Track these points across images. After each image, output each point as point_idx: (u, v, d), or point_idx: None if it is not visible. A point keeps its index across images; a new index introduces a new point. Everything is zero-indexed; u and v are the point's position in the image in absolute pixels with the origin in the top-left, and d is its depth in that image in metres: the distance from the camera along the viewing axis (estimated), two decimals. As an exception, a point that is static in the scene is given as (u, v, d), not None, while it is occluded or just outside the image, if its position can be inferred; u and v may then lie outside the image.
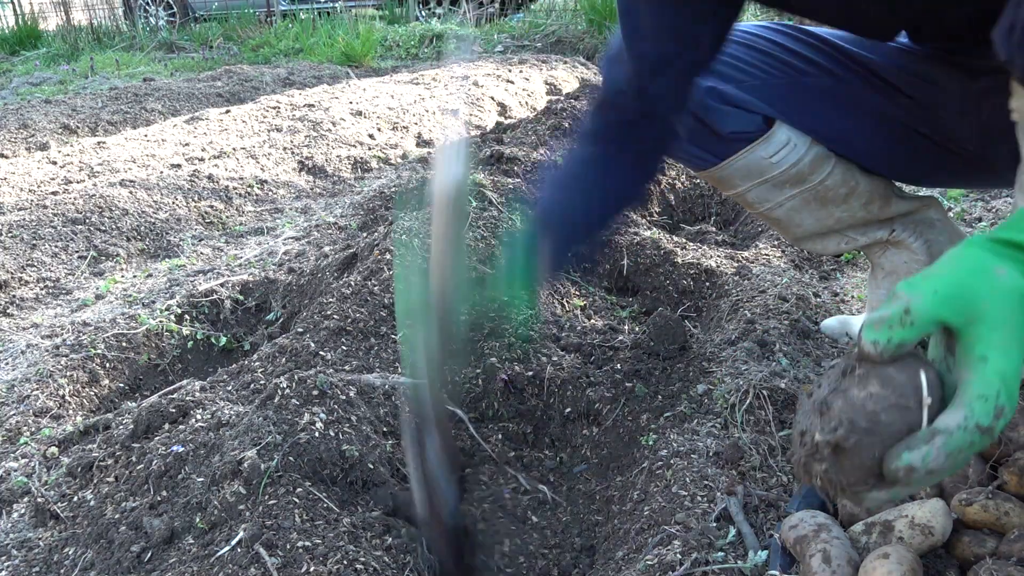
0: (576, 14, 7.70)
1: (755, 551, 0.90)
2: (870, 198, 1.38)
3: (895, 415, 0.63)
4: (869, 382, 0.65)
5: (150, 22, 9.96)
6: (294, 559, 0.97)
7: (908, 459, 0.62)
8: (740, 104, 1.30)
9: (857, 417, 0.64)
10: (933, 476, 0.63)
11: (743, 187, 1.37)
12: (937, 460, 0.62)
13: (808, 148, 1.32)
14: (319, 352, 1.52)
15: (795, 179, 1.33)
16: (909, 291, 0.66)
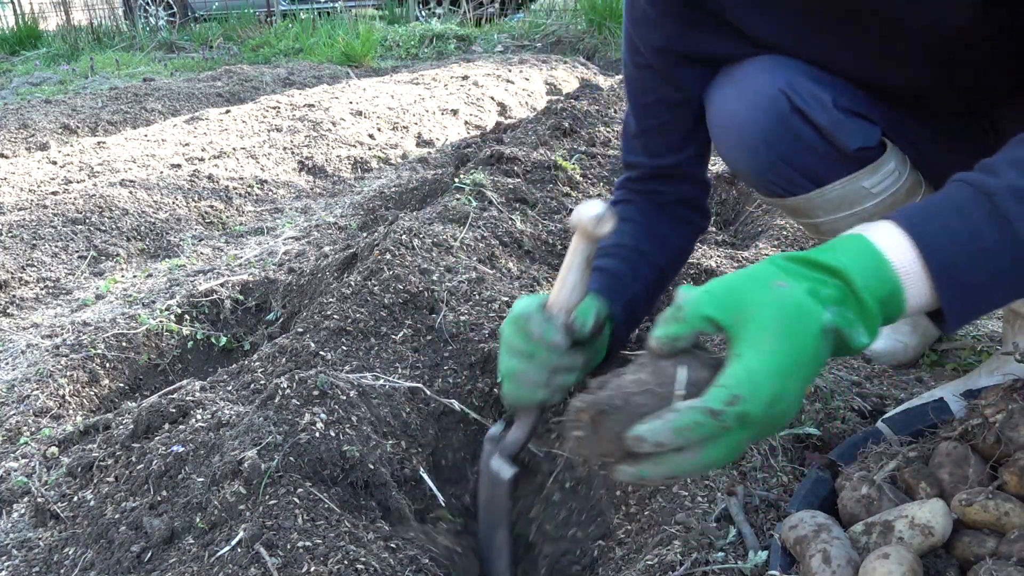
0: (576, 14, 7.70)
1: (755, 551, 0.90)
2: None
3: (648, 398, 0.71)
4: (642, 370, 0.74)
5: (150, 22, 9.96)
6: (294, 559, 0.97)
7: (638, 430, 0.69)
8: (860, 112, 1.10)
9: (616, 395, 0.72)
10: (663, 450, 0.69)
11: (823, 219, 1.17)
12: (663, 433, 0.68)
13: (909, 174, 1.15)
14: (319, 352, 1.52)
15: (886, 209, 1.13)
16: (686, 292, 0.74)
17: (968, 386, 1.21)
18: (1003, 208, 0.71)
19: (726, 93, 1.13)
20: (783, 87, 1.08)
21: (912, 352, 1.50)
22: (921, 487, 0.90)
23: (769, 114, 1.09)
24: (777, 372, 0.69)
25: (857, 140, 1.09)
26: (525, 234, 2.07)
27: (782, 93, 1.08)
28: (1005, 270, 0.72)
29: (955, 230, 0.72)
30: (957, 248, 0.72)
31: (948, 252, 0.72)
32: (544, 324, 1.02)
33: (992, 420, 0.91)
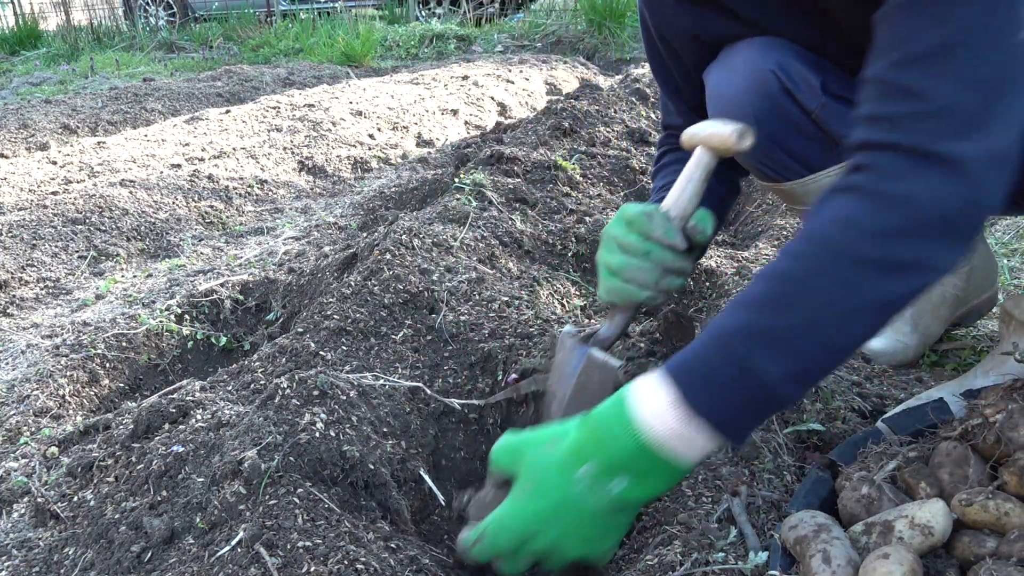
0: (576, 14, 7.70)
1: (756, 552, 0.90)
2: None
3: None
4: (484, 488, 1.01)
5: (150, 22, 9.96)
6: (295, 559, 0.97)
7: (460, 538, 0.94)
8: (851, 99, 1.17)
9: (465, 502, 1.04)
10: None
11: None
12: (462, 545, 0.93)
13: None
14: (319, 352, 1.52)
15: None
16: (502, 439, 0.94)
17: (965, 386, 1.21)
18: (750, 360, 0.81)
19: (721, 72, 1.18)
20: (773, 67, 1.12)
21: (912, 352, 1.50)
22: (921, 487, 0.90)
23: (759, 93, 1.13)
24: (526, 518, 0.88)
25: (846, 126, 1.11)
26: (525, 234, 2.07)
27: (772, 73, 1.12)
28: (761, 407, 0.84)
29: (711, 380, 0.83)
30: (717, 397, 0.83)
31: (708, 402, 0.83)
32: (666, 224, 1.07)
33: (992, 420, 0.91)
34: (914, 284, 0.81)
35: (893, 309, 0.82)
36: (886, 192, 0.80)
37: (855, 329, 0.82)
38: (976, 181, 0.78)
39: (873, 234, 0.80)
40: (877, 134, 0.83)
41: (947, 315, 1.49)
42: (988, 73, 0.78)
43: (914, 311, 1.49)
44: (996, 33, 0.77)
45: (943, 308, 1.47)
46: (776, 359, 0.81)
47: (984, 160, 0.78)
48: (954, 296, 1.46)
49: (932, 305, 1.47)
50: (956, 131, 0.78)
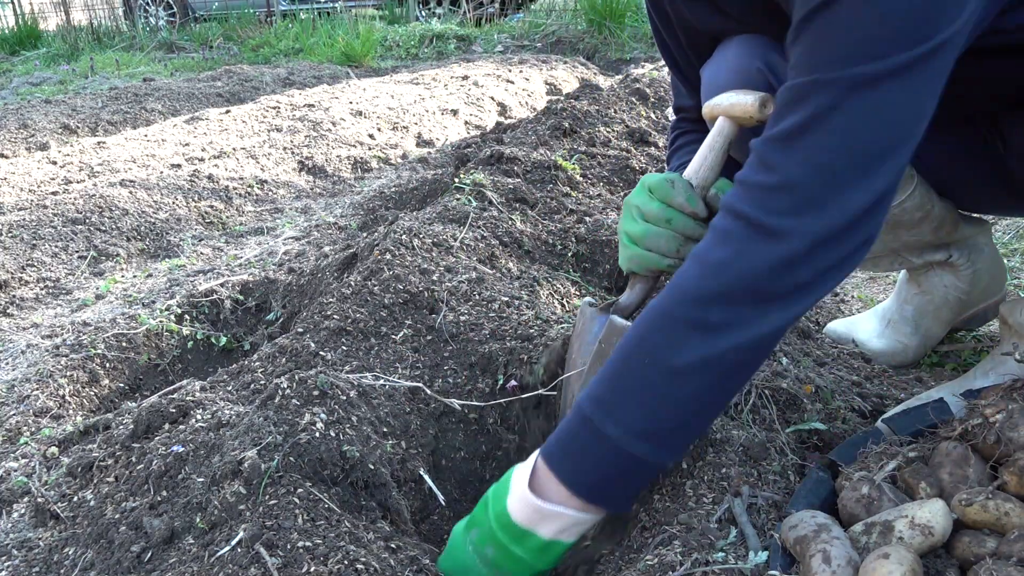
0: (576, 14, 7.70)
1: (756, 552, 0.90)
2: (941, 223, 1.34)
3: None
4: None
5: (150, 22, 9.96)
6: (295, 559, 0.97)
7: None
8: None
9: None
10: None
11: None
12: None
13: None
14: (319, 352, 1.52)
15: None
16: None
17: (965, 386, 1.21)
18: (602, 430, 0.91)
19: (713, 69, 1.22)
20: (761, 65, 1.15)
21: (913, 353, 1.50)
22: (921, 487, 0.90)
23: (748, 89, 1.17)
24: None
25: None
26: (525, 234, 2.07)
27: (760, 71, 1.15)
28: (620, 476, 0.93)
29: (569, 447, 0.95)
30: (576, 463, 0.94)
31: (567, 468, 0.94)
32: (688, 191, 1.09)
33: (992, 420, 0.91)
34: (733, 342, 0.87)
35: (724, 365, 0.88)
36: (711, 258, 0.88)
37: (689, 386, 0.89)
38: (797, 255, 0.84)
39: (693, 299, 0.88)
40: (732, 198, 0.90)
41: (949, 317, 1.49)
42: (831, 159, 0.83)
43: (915, 313, 1.49)
44: (844, 127, 0.82)
45: (945, 310, 1.47)
46: (618, 418, 0.90)
47: (808, 237, 0.84)
48: (957, 299, 1.46)
49: (934, 307, 1.47)
50: (792, 207, 0.84)
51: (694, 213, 1.10)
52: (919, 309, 1.49)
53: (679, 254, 1.11)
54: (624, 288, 2.01)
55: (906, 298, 1.50)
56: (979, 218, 1.44)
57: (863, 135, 0.83)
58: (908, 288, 1.50)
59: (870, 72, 0.80)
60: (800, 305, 0.88)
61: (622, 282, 2.01)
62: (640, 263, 1.13)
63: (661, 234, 1.10)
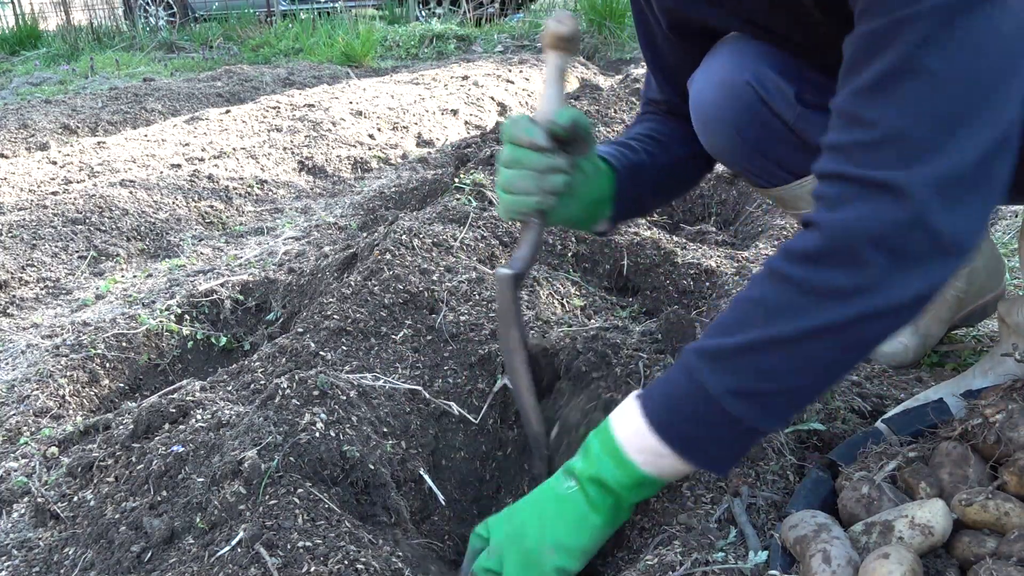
0: (576, 14, 7.69)
1: (756, 551, 0.90)
2: None
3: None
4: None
5: (150, 22, 9.96)
6: (295, 559, 0.97)
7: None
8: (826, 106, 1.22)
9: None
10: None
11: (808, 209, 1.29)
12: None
13: None
14: (319, 352, 1.52)
15: None
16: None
17: (964, 386, 1.21)
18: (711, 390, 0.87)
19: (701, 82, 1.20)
20: (749, 79, 1.14)
21: (912, 354, 1.50)
22: (921, 487, 0.90)
23: (738, 105, 1.16)
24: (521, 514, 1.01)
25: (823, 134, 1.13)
26: (525, 234, 2.07)
27: (748, 85, 1.14)
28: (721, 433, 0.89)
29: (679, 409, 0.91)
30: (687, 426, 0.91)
31: (678, 429, 0.91)
32: (526, 125, 1.10)
33: (992, 420, 0.91)
34: (866, 307, 0.82)
35: (851, 333, 0.83)
36: (828, 221, 0.83)
37: (804, 353, 0.84)
38: (917, 207, 0.79)
39: (809, 259, 0.84)
40: (828, 164, 0.85)
41: (947, 317, 1.49)
42: (936, 102, 0.78)
43: None
44: (944, 63, 0.77)
45: (943, 310, 1.47)
46: (721, 376, 0.87)
47: (928, 186, 0.78)
48: (955, 298, 1.46)
49: (933, 307, 1.47)
50: (900, 159, 0.79)
51: (533, 143, 1.09)
52: None
53: (540, 190, 1.10)
54: (624, 287, 2.02)
55: None
56: None
57: (965, 68, 0.76)
58: None
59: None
60: (943, 266, 0.81)
61: (622, 282, 2.01)
62: (510, 208, 1.13)
63: (517, 175, 1.10)
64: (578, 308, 1.85)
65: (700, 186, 2.65)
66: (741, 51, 1.16)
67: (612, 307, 1.92)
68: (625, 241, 2.03)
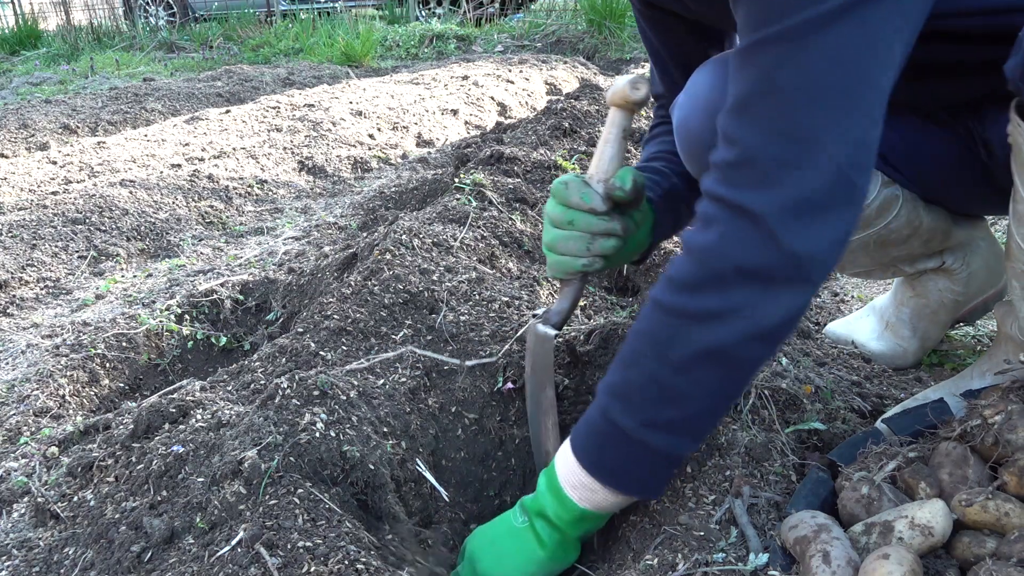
0: (576, 14, 7.70)
1: (756, 553, 0.90)
2: (931, 236, 1.32)
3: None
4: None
5: (150, 22, 9.96)
6: (295, 559, 0.97)
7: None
8: None
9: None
10: None
11: None
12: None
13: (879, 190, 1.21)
14: (319, 352, 1.52)
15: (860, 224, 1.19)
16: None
17: (961, 386, 1.21)
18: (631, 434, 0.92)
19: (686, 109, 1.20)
20: None
21: (912, 356, 1.51)
22: (921, 487, 0.90)
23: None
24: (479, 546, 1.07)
25: None
26: (525, 234, 2.07)
27: None
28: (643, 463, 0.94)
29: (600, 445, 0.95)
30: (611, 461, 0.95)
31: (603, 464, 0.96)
32: (582, 189, 1.09)
33: (991, 421, 0.91)
34: (739, 330, 0.83)
35: (731, 355, 0.85)
36: (696, 244, 0.85)
37: (695, 378, 0.86)
38: (772, 230, 0.79)
39: (684, 287, 0.86)
40: (705, 181, 0.87)
41: (946, 319, 1.49)
42: (789, 120, 0.78)
43: (912, 315, 1.49)
44: (795, 80, 0.77)
45: (941, 313, 1.47)
46: (629, 411, 0.90)
47: (782, 209, 0.79)
48: (953, 301, 1.46)
49: (930, 311, 1.47)
50: (757, 181, 0.80)
51: (591, 209, 1.09)
52: (915, 312, 1.48)
53: (590, 252, 1.10)
54: (624, 287, 2.01)
55: (902, 300, 1.50)
56: (973, 218, 1.44)
57: (817, 86, 0.76)
58: (903, 290, 1.49)
59: (814, 16, 0.74)
60: (807, 283, 0.82)
61: (622, 282, 2.01)
62: (557, 268, 1.13)
63: (568, 236, 1.10)
64: (578, 308, 1.85)
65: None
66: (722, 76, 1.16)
67: (612, 307, 1.92)
68: (625, 241, 2.03)
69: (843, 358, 1.51)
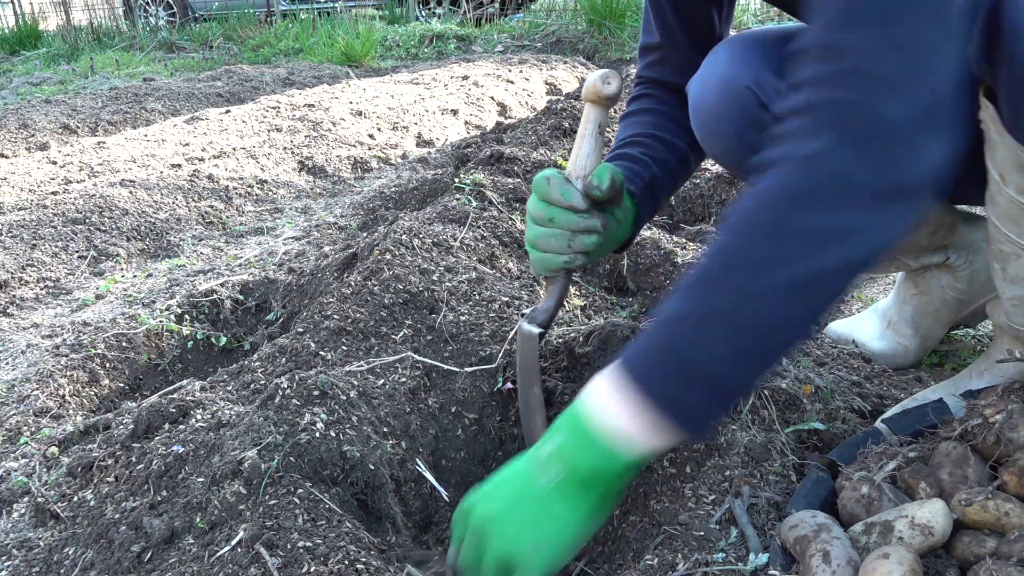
0: (576, 14, 7.69)
1: (756, 553, 0.90)
2: (936, 228, 1.32)
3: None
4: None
5: (150, 22, 9.96)
6: (295, 559, 0.97)
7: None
8: None
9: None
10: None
11: None
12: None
13: None
14: (319, 352, 1.52)
15: None
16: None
17: (960, 386, 1.21)
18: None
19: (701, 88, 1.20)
20: (749, 83, 1.14)
21: (913, 355, 1.50)
22: (921, 487, 0.90)
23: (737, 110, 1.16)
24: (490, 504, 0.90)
25: None
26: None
27: (748, 89, 1.14)
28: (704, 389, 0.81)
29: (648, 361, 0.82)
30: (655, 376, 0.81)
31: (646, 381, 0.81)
32: (563, 186, 1.09)
33: (992, 420, 0.91)
34: (844, 256, 0.75)
35: (830, 285, 0.77)
36: (799, 157, 0.76)
37: (788, 307, 0.77)
38: (892, 142, 0.73)
39: (790, 201, 0.76)
40: (795, 99, 0.79)
41: (948, 318, 1.49)
42: (908, 30, 0.74)
43: (915, 313, 1.49)
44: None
45: (944, 311, 1.47)
46: (706, 342, 0.79)
47: (905, 120, 0.73)
48: (956, 299, 1.46)
49: (933, 308, 1.47)
50: (874, 89, 0.74)
51: (571, 206, 1.08)
52: (918, 310, 1.48)
53: (571, 249, 1.10)
54: (624, 287, 2.01)
55: (904, 298, 1.50)
56: (978, 215, 1.44)
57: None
58: (906, 288, 1.49)
59: None
60: (913, 203, 0.76)
61: (622, 282, 2.01)
62: (540, 265, 1.13)
63: (550, 234, 1.09)
64: (578, 308, 1.85)
65: (700, 187, 2.65)
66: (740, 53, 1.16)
67: (612, 307, 1.92)
68: (625, 241, 2.03)
69: (843, 358, 1.51)
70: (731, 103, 1.16)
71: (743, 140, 1.18)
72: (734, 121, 1.17)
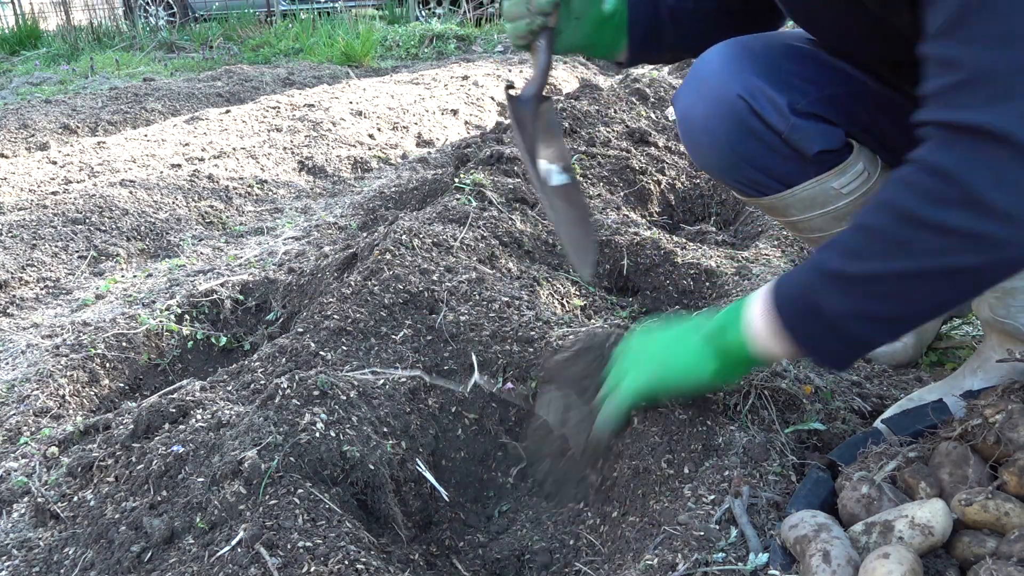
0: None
1: (756, 552, 0.90)
2: None
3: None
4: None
5: (150, 22, 9.96)
6: (295, 559, 0.97)
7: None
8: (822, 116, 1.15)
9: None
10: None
11: (798, 217, 1.24)
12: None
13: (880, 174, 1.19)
14: (319, 352, 1.52)
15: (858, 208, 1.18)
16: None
17: (956, 385, 1.22)
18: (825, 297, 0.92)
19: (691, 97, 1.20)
20: (741, 92, 1.13)
21: (911, 351, 1.51)
22: (921, 487, 0.90)
23: (729, 119, 1.15)
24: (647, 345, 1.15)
25: (817, 144, 1.14)
26: (525, 234, 2.07)
27: (740, 98, 1.13)
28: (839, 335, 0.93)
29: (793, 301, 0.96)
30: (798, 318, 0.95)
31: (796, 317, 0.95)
32: None
33: (992, 420, 0.91)
34: (974, 260, 0.81)
35: (958, 283, 0.84)
36: (935, 164, 0.82)
37: (924, 287, 0.86)
38: (1010, 149, 0.76)
39: (926, 198, 0.82)
40: (924, 113, 0.84)
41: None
42: (1011, 28, 0.75)
43: None
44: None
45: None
46: (839, 299, 0.90)
47: (1017, 123, 0.76)
48: None
49: None
50: (995, 96, 0.77)
51: None
52: None
53: (529, 11, 1.16)
54: (624, 287, 2.01)
55: None
56: None
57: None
58: None
59: None
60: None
61: (622, 282, 2.01)
62: (512, 35, 1.20)
63: (511, 3, 1.18)
64: (578, 308, 1.85)
65: (700, 187, 2.65)
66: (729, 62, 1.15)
67: (612, 307, 1.92)
68: (625, 241, 2.03)
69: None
70: (722, 114, 1.15)
71: (735, 150, 1.17)
72: (726, 132, 1.16)
